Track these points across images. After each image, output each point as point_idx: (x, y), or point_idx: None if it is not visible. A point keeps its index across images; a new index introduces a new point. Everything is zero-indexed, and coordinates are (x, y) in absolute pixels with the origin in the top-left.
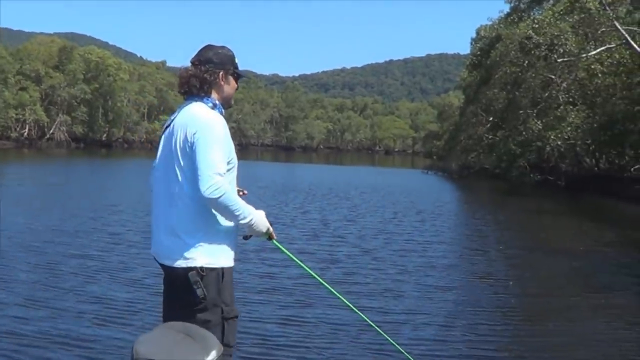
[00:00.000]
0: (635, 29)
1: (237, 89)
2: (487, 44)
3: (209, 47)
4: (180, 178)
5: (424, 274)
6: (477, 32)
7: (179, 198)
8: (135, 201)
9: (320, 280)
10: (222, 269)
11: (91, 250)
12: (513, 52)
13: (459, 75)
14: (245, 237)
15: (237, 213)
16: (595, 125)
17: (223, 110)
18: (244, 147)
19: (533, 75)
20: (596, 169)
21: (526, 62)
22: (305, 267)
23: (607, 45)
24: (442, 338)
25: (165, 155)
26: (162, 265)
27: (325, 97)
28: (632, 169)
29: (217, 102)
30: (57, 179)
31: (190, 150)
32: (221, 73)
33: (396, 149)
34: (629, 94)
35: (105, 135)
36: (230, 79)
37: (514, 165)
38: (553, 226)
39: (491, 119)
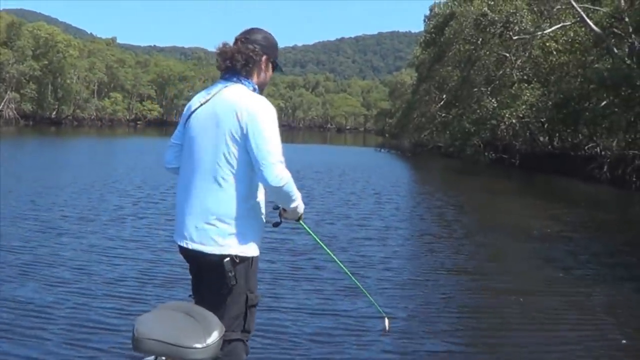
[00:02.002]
0: (589, 6)
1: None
2: (440, 21)
3: (258, 29)
4: (227, 164)
5: (384, 267)
6: (431, 10)
7: (222, 184)
8: (78, 182)
9: (342, 265)
10: (252, 257)
11: (13, 241)
12: (467, 29)
13: (411, 52)
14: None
15: (293, 198)
16: (549, 103)
17: None
18: None
19: (487, 53)
20: (550, 147)
21: (480, 39)
22: (329, 251)
23: (563, 23)
24: (404, 349)
25: (206, 137)
26: (191, 250)
27: (276, 75)
28: (586, 148)
29: (256, 86)
30: None
31: (240, 136)
32: (265, 57)
33: (348, 127)
34: (584, 72)
35: (54, 112)
36: (270, 66)
37: (467, 143)
38: (517, 209)
39: (444, 97)
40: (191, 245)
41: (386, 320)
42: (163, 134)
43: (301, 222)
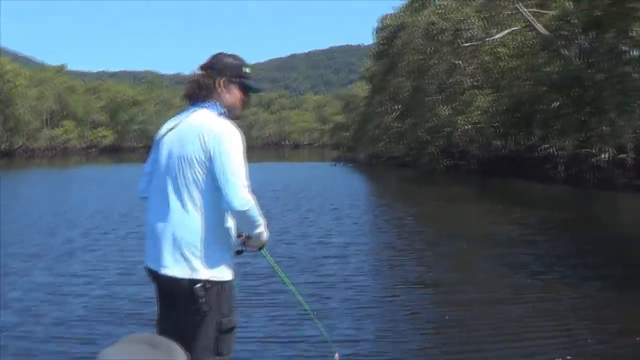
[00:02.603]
0: (537, 10)
1: (245, 101)
2: (391, 32)
3: (217, 54)
4: (195, 188)
5: (346, 286)
6: (381, 22)
7: (191, 209)
8: (26, 216)
9: (298, 296)
10: (225, 282)
11: None
12: (417, 39)
13: (363, 65)
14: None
15: (257, 223)
16: (502, 107)
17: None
18: (149, 150)
19: (438, 61)
20: (504, 150)
21: (431, 48)
22: (287, 281)
23: (512, 28)
24: None
25: (173, 162)
26: (162, 276)
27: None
28: (540, 149)
29: (223, 110)
30: None
31: (206, 160)
32: (220, 80)
33: (305, 143)
34: (534, 75)
35: (6, 144)
36: (232, 88)
37: (423, 152)
38: (476, 215)
39: (398, 107)
40: (162, 271)
41: (336, 355)
42: (116, 161)
43: (263, 251)
